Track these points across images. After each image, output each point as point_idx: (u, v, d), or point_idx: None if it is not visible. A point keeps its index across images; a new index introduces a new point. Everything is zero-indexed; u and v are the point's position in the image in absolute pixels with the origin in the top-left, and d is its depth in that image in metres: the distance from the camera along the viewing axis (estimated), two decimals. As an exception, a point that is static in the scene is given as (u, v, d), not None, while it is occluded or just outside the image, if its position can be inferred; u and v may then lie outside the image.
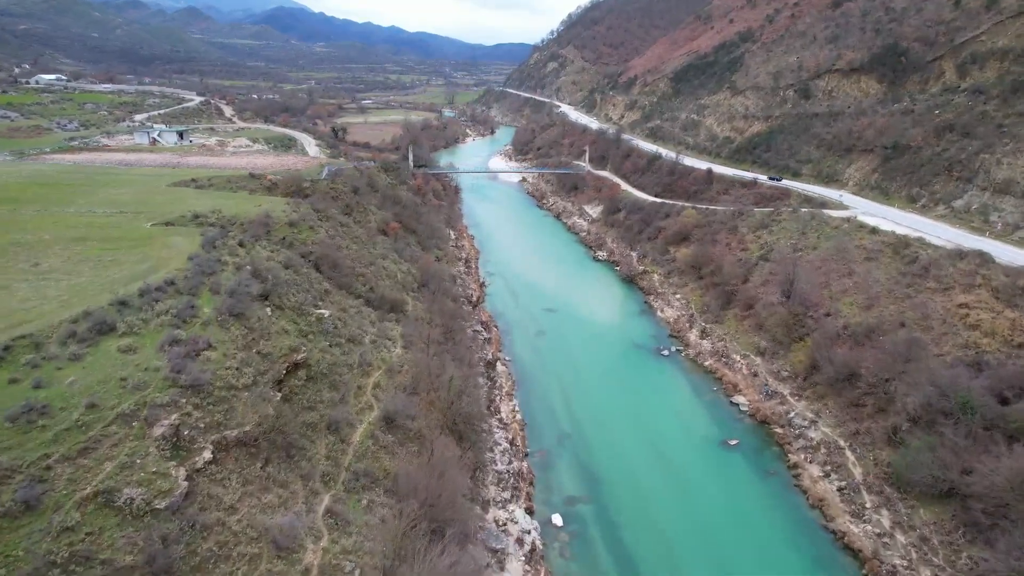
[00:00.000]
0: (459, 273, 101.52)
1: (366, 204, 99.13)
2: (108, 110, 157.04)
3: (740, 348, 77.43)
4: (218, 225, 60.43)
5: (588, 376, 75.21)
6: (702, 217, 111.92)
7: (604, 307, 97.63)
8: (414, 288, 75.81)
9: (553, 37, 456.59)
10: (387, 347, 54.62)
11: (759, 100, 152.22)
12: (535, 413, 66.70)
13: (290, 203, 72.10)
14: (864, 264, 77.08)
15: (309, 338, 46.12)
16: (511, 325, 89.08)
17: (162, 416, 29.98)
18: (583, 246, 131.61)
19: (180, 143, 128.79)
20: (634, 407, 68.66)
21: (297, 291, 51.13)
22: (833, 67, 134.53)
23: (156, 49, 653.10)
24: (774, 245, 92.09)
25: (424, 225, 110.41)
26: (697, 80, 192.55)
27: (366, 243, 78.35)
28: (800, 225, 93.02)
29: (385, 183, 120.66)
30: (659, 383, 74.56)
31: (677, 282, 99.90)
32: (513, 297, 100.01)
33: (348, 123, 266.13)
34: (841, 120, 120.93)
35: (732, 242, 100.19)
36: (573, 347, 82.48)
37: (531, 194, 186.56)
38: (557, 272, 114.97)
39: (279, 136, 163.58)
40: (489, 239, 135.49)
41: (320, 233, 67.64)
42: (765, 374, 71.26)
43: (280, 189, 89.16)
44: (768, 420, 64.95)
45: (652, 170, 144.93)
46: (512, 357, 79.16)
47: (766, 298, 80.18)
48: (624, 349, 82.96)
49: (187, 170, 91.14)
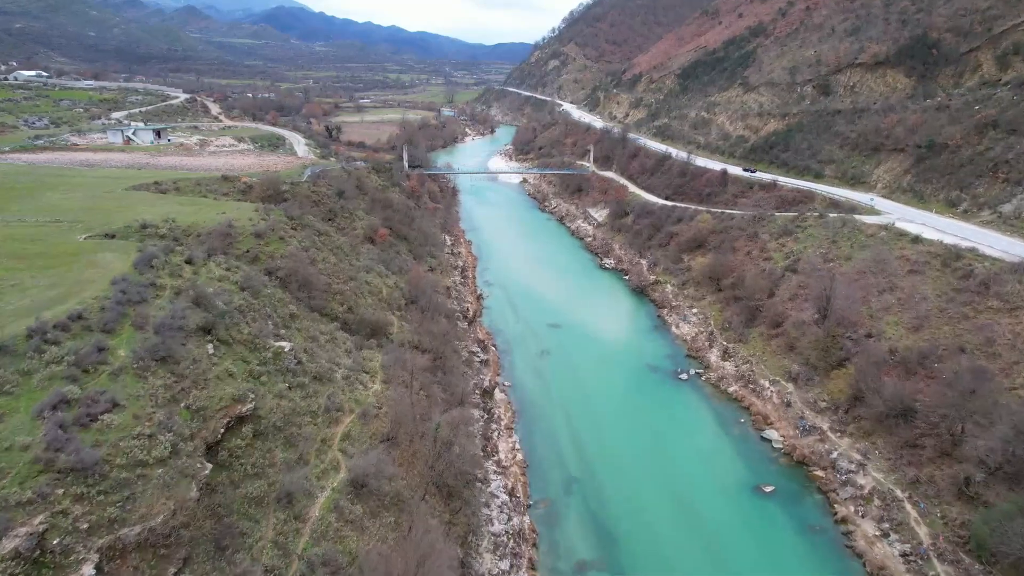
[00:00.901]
0: (454, 284, 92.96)
1: (352, 209, 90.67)
2: (85, 107, 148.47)
3: (769, 372, 68.79)
4: (170, 237, 51.95)
5: (598, 405, 66.61)
6: (718, 222, 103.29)
7: (613, 322, 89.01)
8: (401, 305, 67.27)
9: (554, 35, 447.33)
10: (363, 383, 46.05)
11: (774, 97, 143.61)
12: (538, 451, 58.15)
13: (259, 210, 63.63)
14: (908, 278, 68.46)
15: (262, 380, 37.59)
16: (511, 344, 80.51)
17: (18, 521, 21.41)
18: (588, 252, 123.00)
19: (157, 142, 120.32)
20: (651, 444, 60.06)
21: (254, 319, 42.61)
22: (855, 61, 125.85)
23: (153, 48, 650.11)
24: (801, 254, 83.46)
25: (417, 231, 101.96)
26: (706, 76, 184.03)
27: (348, 254, 69.81)
28: (830, 232, 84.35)
29: (376, 185, 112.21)
30: (679, 413, 65.94)
31: (693, 294, 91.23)
32: (513, 311, 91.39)
33: (344, 122, 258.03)
34: (866, 117, 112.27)
35: (753, 250, 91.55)
36: (580, 370, 73.90)
37: (532, 196, 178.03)
38: (561, 282, 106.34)
39: (267, 135, 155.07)
40: (488, 245, 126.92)
41: (291, 245, 59.09)
42: (800, 404, 62.62)
43: (256, 193, 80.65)
44: (807, 460, 56.36)
45: (662, 171, 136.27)
46: (512, 382, 70.58)
47: (796, 315, 71.59)
48: (637, 372, 74.35)
49: (154, 172, 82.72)
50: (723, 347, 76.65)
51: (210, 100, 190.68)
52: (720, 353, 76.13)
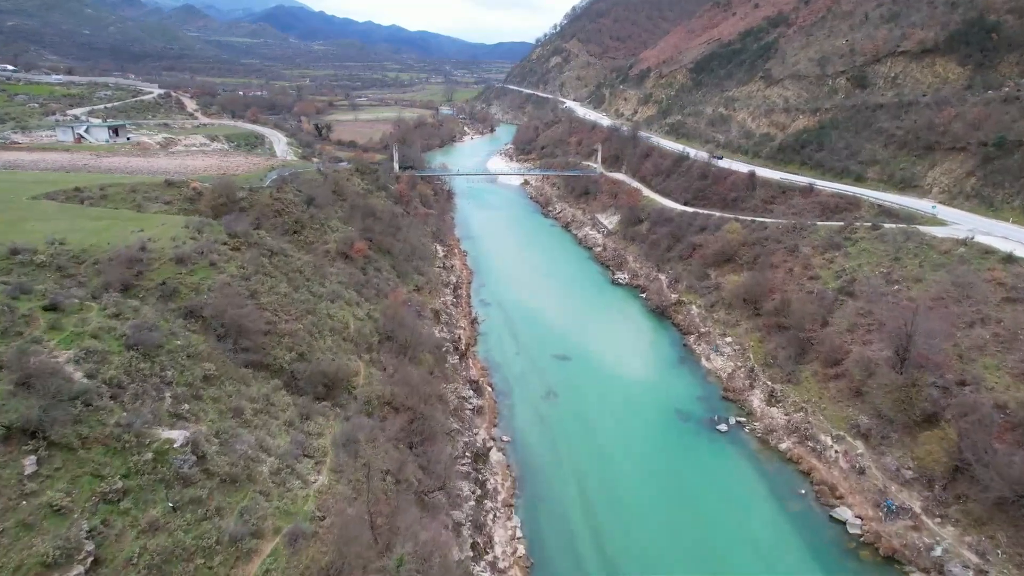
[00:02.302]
0: (444, 307, 79.65)
1: (325, 219, 77.48)
2: (43, 103, 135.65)
3: (830, 425, 55.39)
4: (50, 266, 38.78)
5: (618, 469, 53.24)
6: (748, 232, 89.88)
7: (632, 353, 75.57)
8: (373, 344, 53.97)
9: (556, 31, 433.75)
10: (302, 478, 32.79)
11: (801, 91, 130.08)
12: (545, 540, 44.85)
13: (190, 225, 50.34)
14: (1005, 308, 55.12)
15: (123, 508, 24.38)
16: (511, 382, 67.15)
17: None
18: (598, 264, 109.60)
19: (113, 141, 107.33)
20: (690, 526, 46.72)
21: (135, 396, 29.37)
22: (897, 49, 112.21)
23: (148, 46, 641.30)
24: (855, 273, 70.02)
25: (403, 242, 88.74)
26: (722, 70, 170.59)
27: (310, 278, 56.52)
28: (890, 247, 70.92)
29: (357, 190, 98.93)
30: (721, 480, 52.49)
31: (725, 318, 77.79)
32: (514, 338, 77.95)
33: (337, 120, 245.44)
34: (914, 112, 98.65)
35: (794, 267, 78.13)
36: (595, 418, 60.52)
37: (535, 199, 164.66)
38: (569, 301, 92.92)
39: (245, 133, 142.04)
40: (486, 256, 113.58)
41: (228, 271, 45.81)
42: (877, 472, 49.25)
43: (205, 201, 67.43)
44: (899, 557, 43.03)
45: (679, 172, 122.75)
46: (512, 436, 57.25)
47: (860, 351, 58.21)
48: (664, 421, 60.94)
49: (86, 176, 69.59)
50: (768, 388, 63.23)
51: (186, 96, 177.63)
52: (764, 396, 62.73)
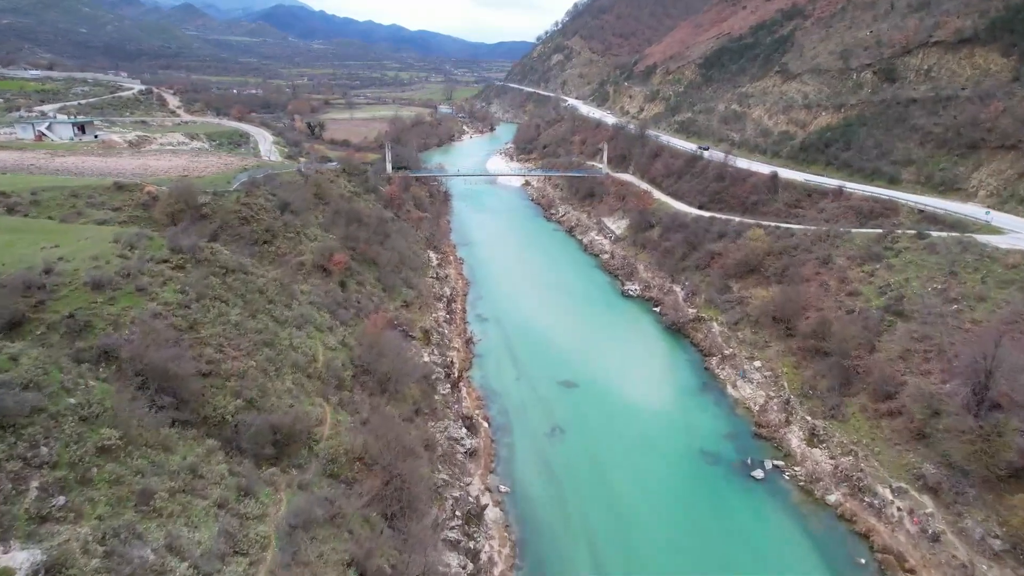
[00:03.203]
0: (436, 324, 71.08)
1: (301, 226, 68.96)
2: (8, 98, 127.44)
3: (888, 474, 46.71)
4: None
5: (637, 526, 44.58)
6: (773, 239, 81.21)
7: (647, 379, 66.77)
8: (346, 379, 45.33)
9: (558, 28, 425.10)
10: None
11: (822, 85, 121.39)
12: (552, 631, 36.33)
13: (121, 240, 41.74)
14: (1097, 336, 46.45)
15: None
16: (510, 415, 58.50)
17: None
18: (606, 274, 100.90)
19: (78, 138, 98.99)
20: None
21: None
22: (930, 39, 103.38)
23: (145, 45, 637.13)
24: (903, 289, 61.31)
25: (391, 251, 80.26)
26: (734, 65, 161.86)
27: (273, 299, 47.91)
28: (943, 259, 62.18)
29: (342, 193, 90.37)
30: (760, 541, 43.75)
31: (751, 338, 69.09)
32: (514, 361, 69.24)
33: (332, 119, 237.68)
34: (954, 107, 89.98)
35: (828, 280, 69.44)
36: (608, 461, 51.87)
37: (536, 202, 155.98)
38: (575, 315, 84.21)
39: (229, 132, 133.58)
40: (483, 264, 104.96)
41: (159, 299, 37.23)
42: (956, 540, 40.56)
43: (160, 208, 58.95)
44: (995, 657, 34.48)
45: (692, 173, 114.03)
46: (511, 485, 48.60)
47: (918, 384, 49.60)
48: (689, 465, 52.26)
49: (25, 178, 61.21)
50: (807, 425, 54.55)
51: (169, 93, 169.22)
52: (804, 434, 54.05)
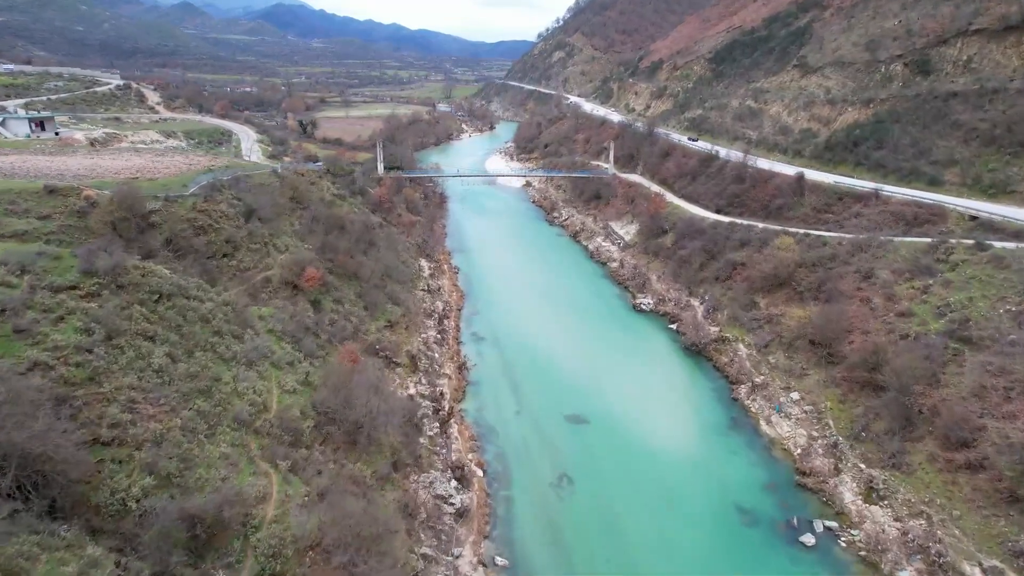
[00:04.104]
0: (424, 347, 62.26)
1: (271, 235, 60.22)
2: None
3: (973, 546, 37.94)
4: None
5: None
6: (804, 248, 72.48)
7: (669, 413, 57.76)
8: (303, 433, 36.56)
9: (559, 25, 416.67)
10: None
11: (846, 79, 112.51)
12: None
13: (11, 261, 33.03)
14: None
15: None
16: (509, 460, 49.68)
17: None
18: (615, 284, 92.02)
19: (36, 135, 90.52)
20: None
21: None
22: (969, 27, 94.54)
23: (141, 43, 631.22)
24: (967, 311, 52.53)
25: (376, 262, 71.51)
26: (747, 60, 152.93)
27: (221, 330, 39.18)
28: (1015, 275, 53.36)
29: (323, 196, 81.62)
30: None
31: (786, 364, 60.23)
32: (513, 390, 60.34)
33: (327, 117, 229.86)
34: (1001, 100, 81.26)
35: (873, 297, 60.57)
36: (625, 521, 43.07)
37: (538, 204, 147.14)
38: (582, 334, 75.23)
39: (209, 129, 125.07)
40: (481, 273, 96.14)
41: (48, 342, 28.51)
42: (1073, 643, 31.83)
43: (98, 216, 50.22)
44: None
45: (707, 174, 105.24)
46: (510, 556, 39.74)
47: (1003, 430, 40.89)
48: (723, 524, 43.42)
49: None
50: (862, 475, 45.71)
51: (149, 88, 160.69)
52: (860, 487, 45.21)
